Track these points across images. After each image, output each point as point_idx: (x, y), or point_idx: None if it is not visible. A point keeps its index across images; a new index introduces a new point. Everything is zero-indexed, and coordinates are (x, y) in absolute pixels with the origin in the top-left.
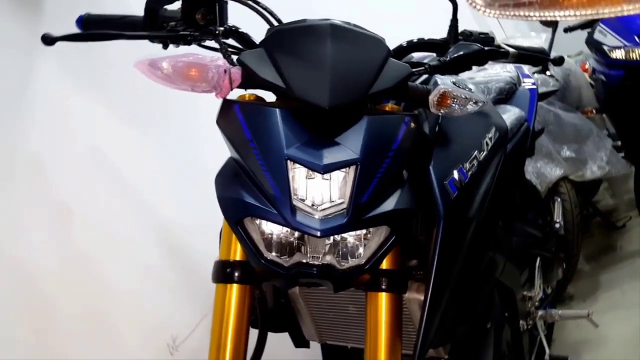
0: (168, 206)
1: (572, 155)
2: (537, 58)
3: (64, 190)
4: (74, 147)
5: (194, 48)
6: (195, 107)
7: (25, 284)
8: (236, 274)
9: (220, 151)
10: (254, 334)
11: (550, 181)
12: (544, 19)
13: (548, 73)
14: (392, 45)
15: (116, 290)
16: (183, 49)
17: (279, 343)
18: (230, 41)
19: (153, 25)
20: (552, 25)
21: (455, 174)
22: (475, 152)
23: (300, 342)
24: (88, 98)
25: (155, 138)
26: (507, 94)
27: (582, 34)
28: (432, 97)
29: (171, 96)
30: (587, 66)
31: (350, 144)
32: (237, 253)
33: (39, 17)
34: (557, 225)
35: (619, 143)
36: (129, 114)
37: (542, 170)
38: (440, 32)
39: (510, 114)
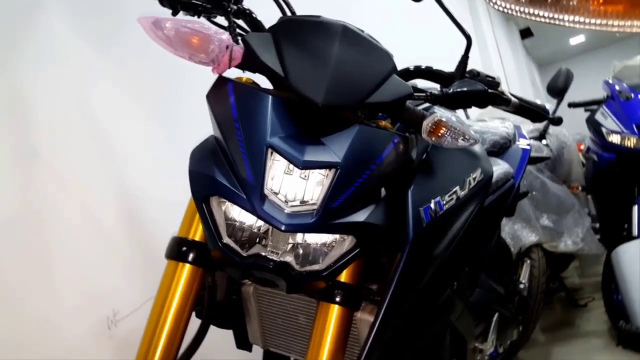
0: (143, 175)
1: (550, 225)
2: (537, 113)
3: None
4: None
5: (202, 21)
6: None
7: None
8: (191, 255)
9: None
10: (195, 324)
11: (523, 245)
12: (552, 22)
13: (544, 142)
14: (399, 65)
15: (66, 246)
16: (193, 19)
17: (220, 339)
18: (241, 23)
19: None
20: (558, 97)
21: (432, 204)
22: (457, 188)
23: (243, 344)
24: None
25: (151, 102)
26: (499, 148)
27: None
28: (426, 123)
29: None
30: (582, 146)
31: (335, 147)
32: (197, 233)
33: None
34: (522, 286)
35: (597, 225)
36: (129, 69)
37: (518, 233)
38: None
39: (498, 167)
